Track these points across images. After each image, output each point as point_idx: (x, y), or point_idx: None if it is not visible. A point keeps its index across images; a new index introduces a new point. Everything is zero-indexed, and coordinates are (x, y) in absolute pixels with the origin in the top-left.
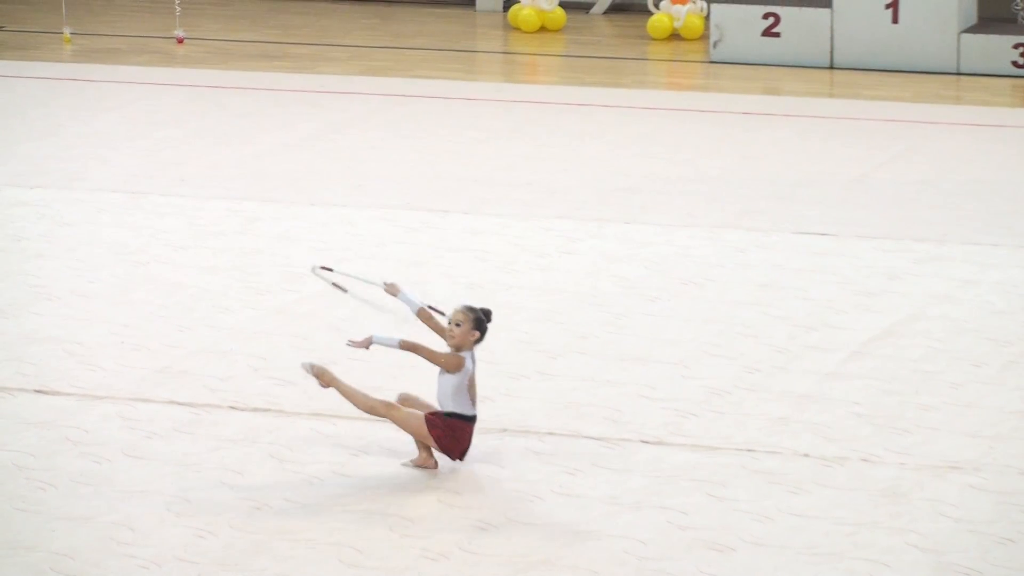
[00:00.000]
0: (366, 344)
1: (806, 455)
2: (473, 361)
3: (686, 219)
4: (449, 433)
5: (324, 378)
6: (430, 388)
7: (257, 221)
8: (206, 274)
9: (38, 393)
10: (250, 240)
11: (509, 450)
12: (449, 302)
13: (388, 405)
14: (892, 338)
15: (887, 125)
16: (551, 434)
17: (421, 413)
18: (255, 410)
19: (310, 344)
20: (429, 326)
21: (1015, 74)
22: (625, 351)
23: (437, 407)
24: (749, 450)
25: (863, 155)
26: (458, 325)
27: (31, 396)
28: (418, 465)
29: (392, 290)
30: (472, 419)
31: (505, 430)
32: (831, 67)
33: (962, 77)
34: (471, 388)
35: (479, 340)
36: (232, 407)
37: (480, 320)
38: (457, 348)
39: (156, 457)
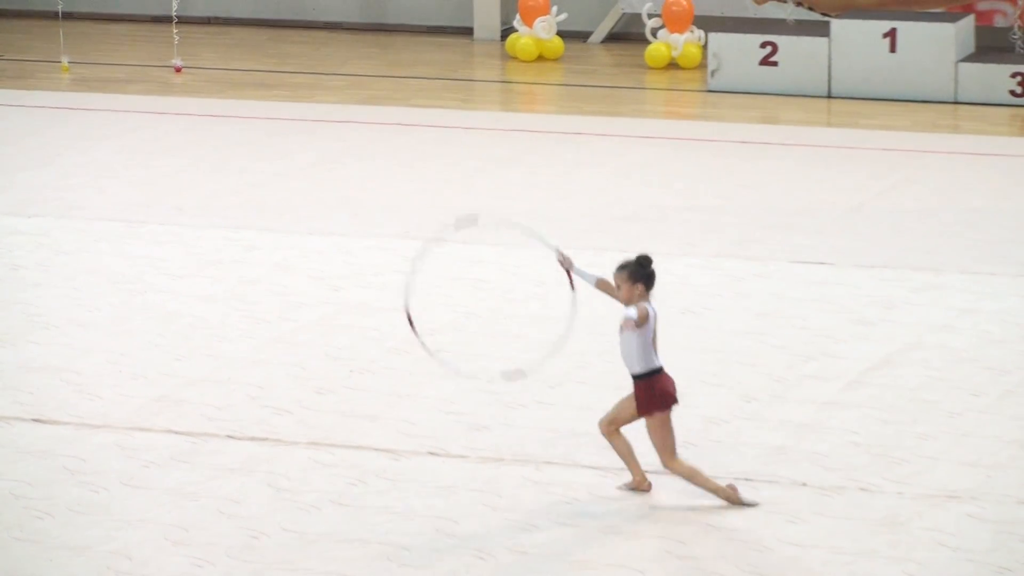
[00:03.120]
0: (568, 265)
1: (804, 484)
2: (654, 312)
3: (684, 248)
4: (648, 392)
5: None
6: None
7: (255, 250)
8: (204, 303)
9: (36, 422)
10: (248, 269)
11: (506, 479)
12: (447, 332)
13: (605, 426)
14: (890, 367)
15: (885, 154)
16: (549, 463)
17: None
18: (253, 439)
19: (308, 373)
20: (610, 295)
21: (1013, 103)
22: (623, 380)
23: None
24: (746, 479)
25: (861, 184)
26: (619, 288)
27: (29, 425)
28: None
29: (566, 263)
30: (661, 369)
31: (502, 459)
32: (829, 96)
33: (960, 106)
34: (654, 341)
35: (649, 287)
36: (230, 436)
37: (635, 271)
38: (630, 302)
39: (154, 486)
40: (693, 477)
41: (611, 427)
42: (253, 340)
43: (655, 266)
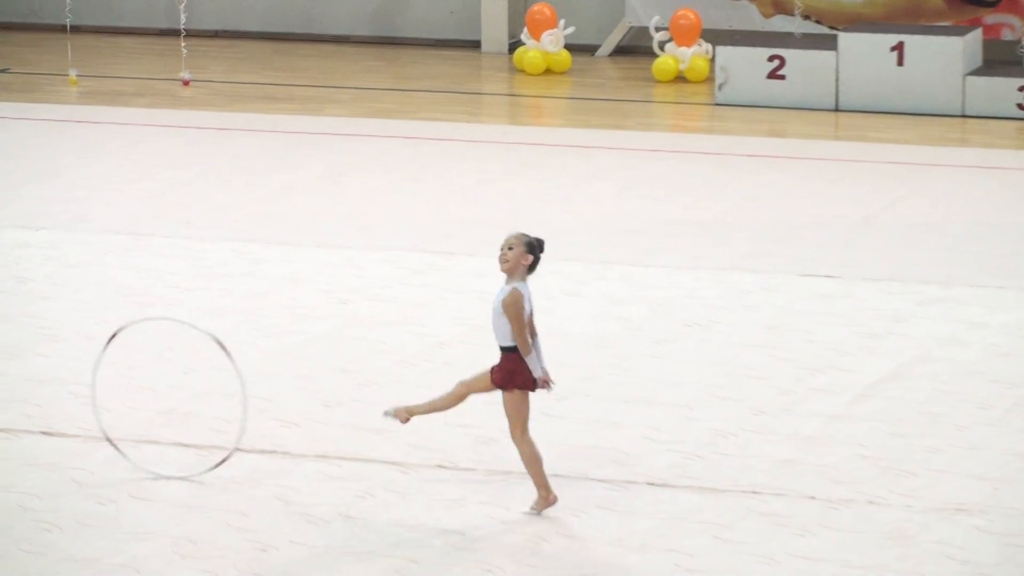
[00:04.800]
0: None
1: (812, 497)
2: (529, 301)
3: (692, 261)
4: (517, 365)
5: (403, 415)
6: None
7: (263, 263)
8: (212, 316)
9: (44, 435)
10: (256, 282)
11: (515, 492)
12: (455, 344)
13: (458, 386)
14: (898, 380)
15: (892, 167)
16: (557, 476)
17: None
18: (261, 452)
19: (316, 386)
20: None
21: (1020, 116)
22: (631, 393)
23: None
24: (755, 492)
25: (869, 197)
26: (511, 248)
27: (36, 437)
28: (539, 510)
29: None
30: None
31: (510, 472)
32: (836, 109)
33: (967, 120)
34: (531, 323)
35: (532, 268)
36: (238, 449)
37: (532, 245)
38: (510, 272)
39: (162, 499)
40: (531, 463)
41: (466, 389)
42: (261, 353)
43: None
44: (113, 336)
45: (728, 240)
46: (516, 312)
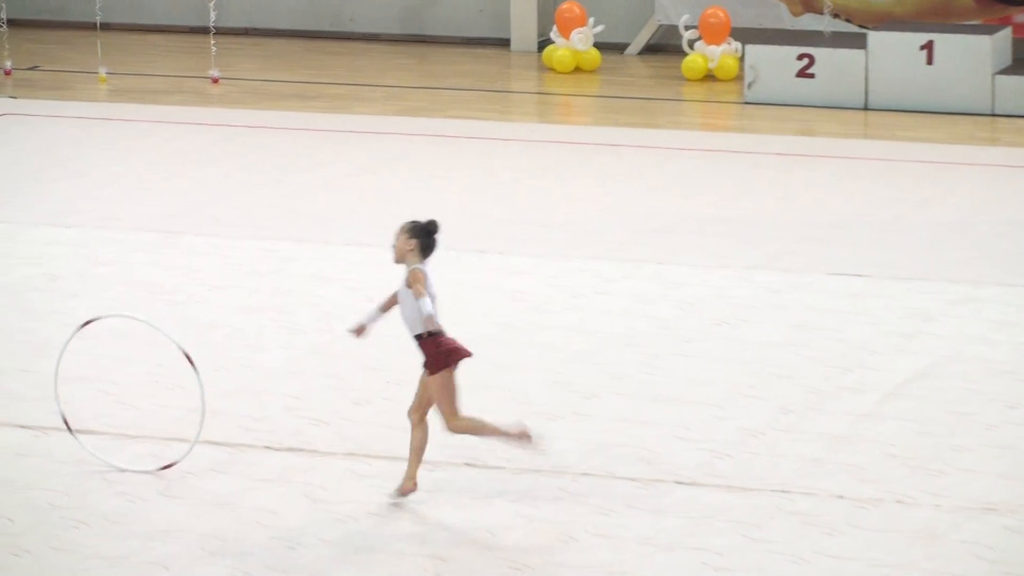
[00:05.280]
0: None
1: (841, 496)
2: (425, 273)
3: (720, 260)
4: (436, 349)
5: (409, 485)
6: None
7: (292, 261)
8: (240, 314)
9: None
10: (284, 280)
11: (543, 491)
12: (483, 342)
13: (414, 418)
14: (927, 379)
15: (921, 166)
16: (585, 475)
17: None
18: (289, 450)
19: (345, 384)
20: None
21: None
22: (659, 392)
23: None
24: (783, 491)
25: (898, 196)
26: (395, 240)
27: (65, 435)
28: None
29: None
30: (442, 331)
31: (539, 471)
32: (866, 108)
33: (997, 118)
34: (434, 304)
35: (426, 251)
36: (267, 447)
37: (414, 229)
38: (400, 260)
39: (190, 496)
40: (480, 430)
41: (419, 414)
42: (290, 351)
43: (439, 236)
44: (83, 325)
45: (757, 239)
46: (416, 276)
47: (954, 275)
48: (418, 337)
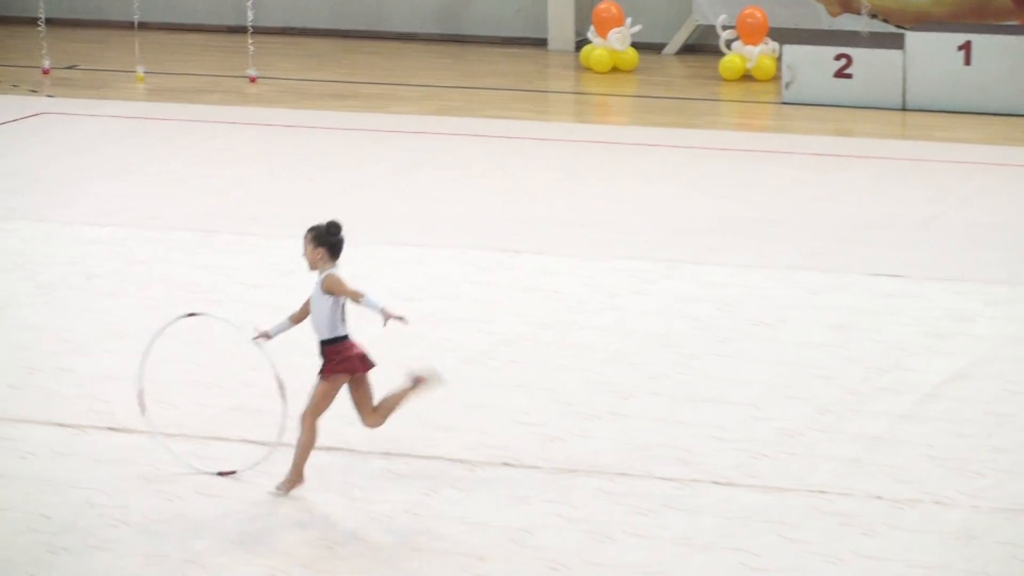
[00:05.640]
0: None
1: (878, 497)
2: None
3: (758, 260)
4: (335, 356)
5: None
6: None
7: None
8: (278, 313)
9: (110, 430)
10: None
11: (581, 490)
12: (520, 343)
13: (364, 419)
14: (965, 380)
15: (959, 167)
16: (623, 475)
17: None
18: (327, 449)
19: (381, 383)
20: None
21: None
22: (697, 392)
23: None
24: (821, 492)
25: (935, 197)
26: (304, 249)
27: (103, 433)
28: (286, 491)
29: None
30: (346, 336)
31: (576, 470)
32: (903, 108)
33: None
34: (343, 309)
35: (334, 253)
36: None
37: (319, 235)
38: (314, 267)
39: (228, 495)
40: (307, 447)
41: (373, 417)
42: None
43: (343, 235)
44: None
45: (795, 239)
46: (337, 282)
47: (992, 276)
48: (323, 342)
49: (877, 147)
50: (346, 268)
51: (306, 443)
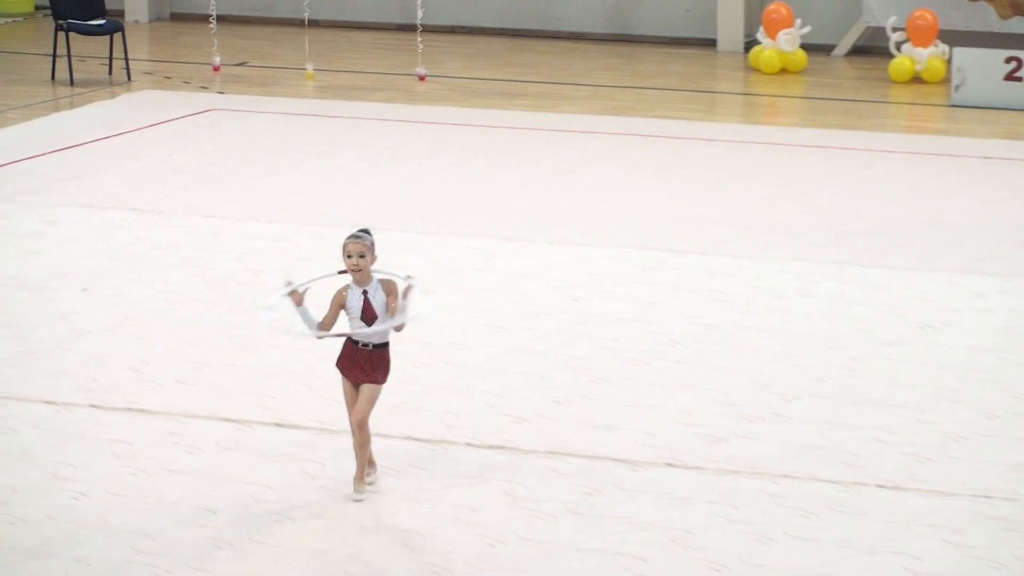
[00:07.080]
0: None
1: None
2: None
3: (924, 263)
4: (388, 365)
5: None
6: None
7: (495, 258)
8: (444, 311)
9: (277, 426)
10: (488, 277)
11: (743, 492)
12: (686, 343)
13: (353, 423)
14: None
15: None
16: (785, 476)
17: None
18: (491, 447)
19: (546, 382)
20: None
21: None
22: (861, 394)
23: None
24: (986, 496)
25: None
26: (362, 256)
27: (270, 429)
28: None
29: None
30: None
31: (739, 472)
32: None
33: None
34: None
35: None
36: (468, 444)
37: (374, 242)
38: (364, 281)
39: (391, 492)
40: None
41: (358, 416)
42: (492, 348)
43: None
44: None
45: (961, 242)
46: (396, 288)
47: None
48: (380, 347)
49: None
50: (521, 264)
51: (364, 443)
